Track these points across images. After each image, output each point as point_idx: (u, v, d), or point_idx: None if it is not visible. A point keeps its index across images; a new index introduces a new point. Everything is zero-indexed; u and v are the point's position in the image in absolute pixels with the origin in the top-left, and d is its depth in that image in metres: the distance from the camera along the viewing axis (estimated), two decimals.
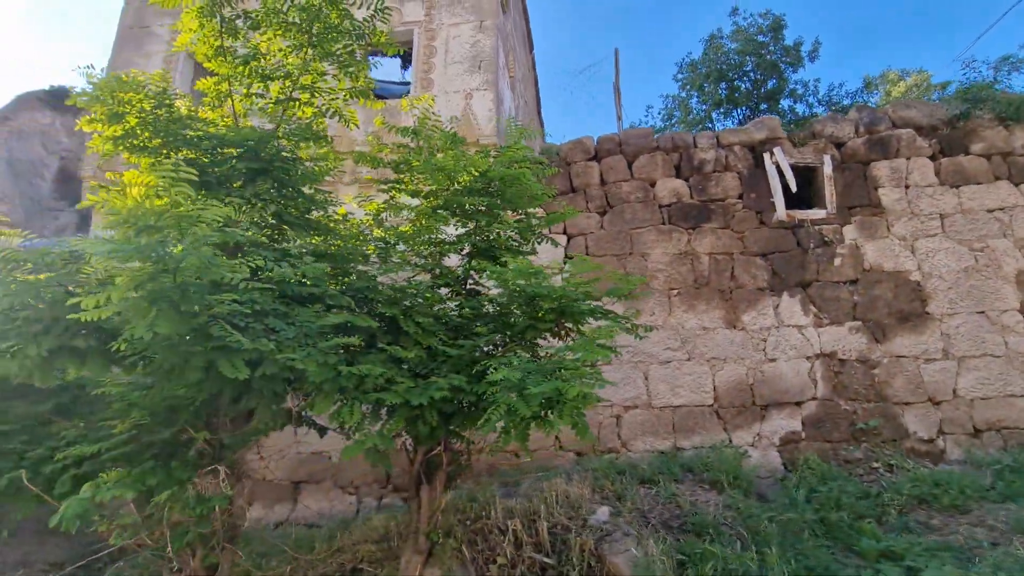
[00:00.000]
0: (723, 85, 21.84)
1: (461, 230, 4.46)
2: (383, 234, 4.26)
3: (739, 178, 7.54)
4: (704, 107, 22.38)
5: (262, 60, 3.71)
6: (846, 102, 21.54)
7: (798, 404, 6.61)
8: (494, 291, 4.10)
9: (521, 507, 4.94)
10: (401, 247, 4.31)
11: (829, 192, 7.28)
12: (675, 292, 7.09)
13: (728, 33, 21.94)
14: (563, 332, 3.93)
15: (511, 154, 4.47)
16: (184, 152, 3.57)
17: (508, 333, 3.86)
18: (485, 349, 3.90)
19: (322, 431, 4.09)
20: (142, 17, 9.22)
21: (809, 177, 7.63)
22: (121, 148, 3.54)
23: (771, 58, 21.27)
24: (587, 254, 7.23)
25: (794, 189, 7.28)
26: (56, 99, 20.65)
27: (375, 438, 3.39)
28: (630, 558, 4.05)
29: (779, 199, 7.28)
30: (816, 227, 7.19)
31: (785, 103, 22.05)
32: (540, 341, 3.98)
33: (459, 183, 4.19)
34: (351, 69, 4.03)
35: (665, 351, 6.87)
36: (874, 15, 34.83)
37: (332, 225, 4.11)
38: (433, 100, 5.27)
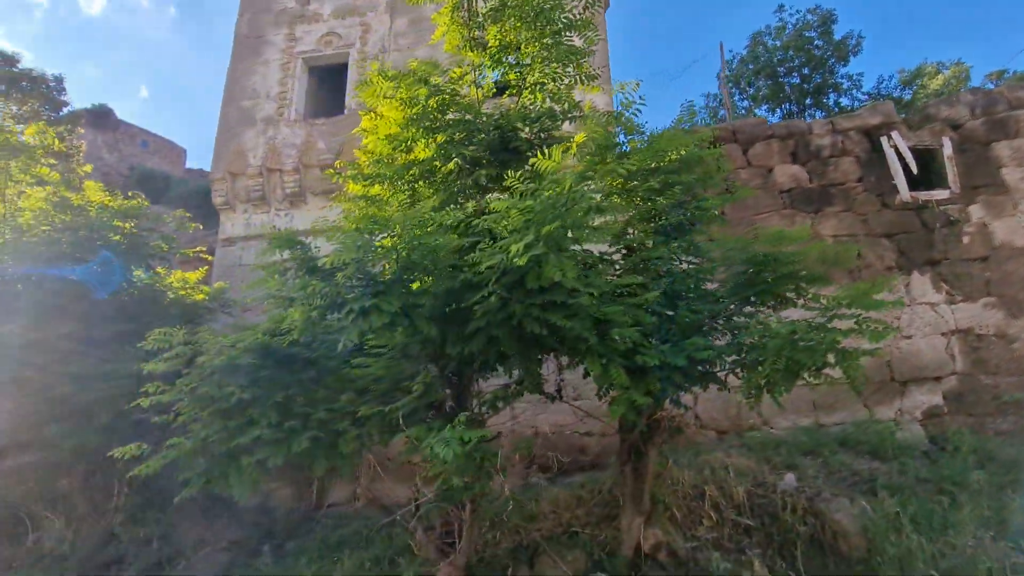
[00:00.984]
0: (767, 82, 21.96)
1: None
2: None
3: (857, 162, 7.68)
4: (747, 104, 22.49)
5: (506, 50, 3.97)
6: (895, 95, 21.54)
7: (937, 379, 6.70)
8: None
9: (701, 477, 5.12)
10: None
11: (951, 173, 7.38)
12: None
13: (773, 29, 22.08)
14: (784, 298, 4.11)
15: (699, 136, 4.68)
16: (440, 136, 3.82)
17: (737, 298, 4.05)
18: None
19: (552, 398, 4.30)
20: (257, 27, 9.64)
21: (926, 159, 7.73)
22: (408, 131, 3.79)
23: (818, 53, 21.33)
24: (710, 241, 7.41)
25: (915, 171, 7.40)
26: (97, 118, 21.39)
27: (635, 394, 3.59)
28: (852, 514, 4.20)
29: (901, 181, 7.40)
30: (941, 207, 7.29)
31: (830, 98, 22.11)
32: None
33: (666, 162, 4.39)
34: (575, 57, 4.27)
35: None
36: (896, 11, 34.64)
37: None
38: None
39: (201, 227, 8.31)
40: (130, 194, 5.84)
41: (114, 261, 5.69)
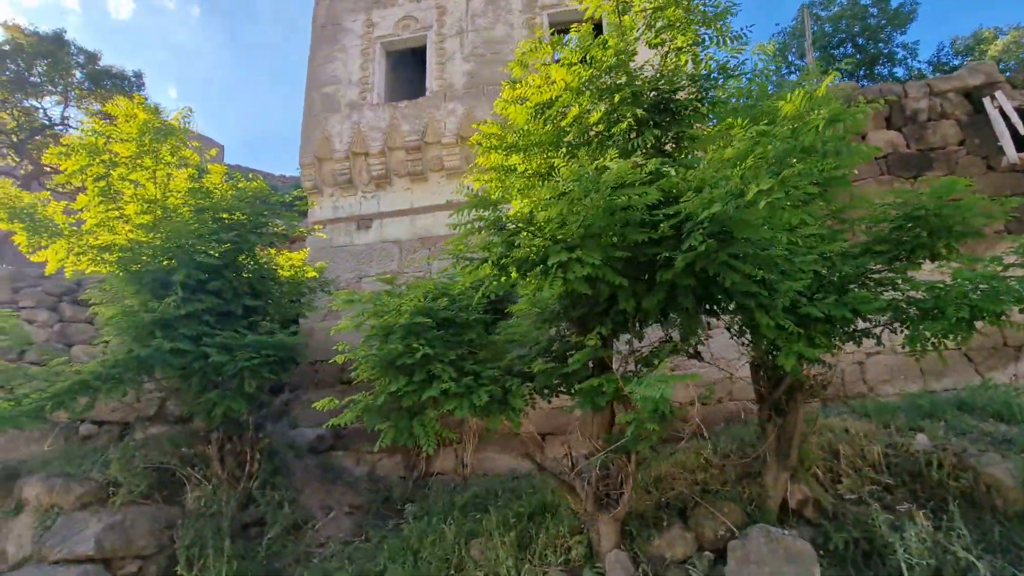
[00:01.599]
0: (816, 54, 21.28)
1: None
2: None
3: (958, 124, 7.46)
4: (795, 76, 21.84)
5: (658, 12, 4.00)
6: (955, 62, 20.64)
7: None
8: None
9: (826, 439, 5.14)
10: None
11: None
12: None
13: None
14: (937, 254, 4.09)
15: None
16: (618, 96, 3.84)
17: (887, 255, 4.04)
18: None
19: (697, 357, 4.38)
20: (335, 14, 9.82)
21: None
22: (568, 96, 3.88)
23: (874, 22, 20.57)
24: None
25: (1023, 132, 7.16)
26: None
27: (802, 347, 3.63)
28: (1008, 469, 4.18)
29: (1007, 143, 7.17)
30: None
31: (884, 69, 21.33)
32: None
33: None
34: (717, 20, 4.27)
35: None
36: None
37: None
38: None
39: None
40: (250, 176, 6.07)
41: (240, 240, 5.96)
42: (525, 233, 3.33)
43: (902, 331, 3.85)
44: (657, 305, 3.47)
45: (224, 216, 5.85)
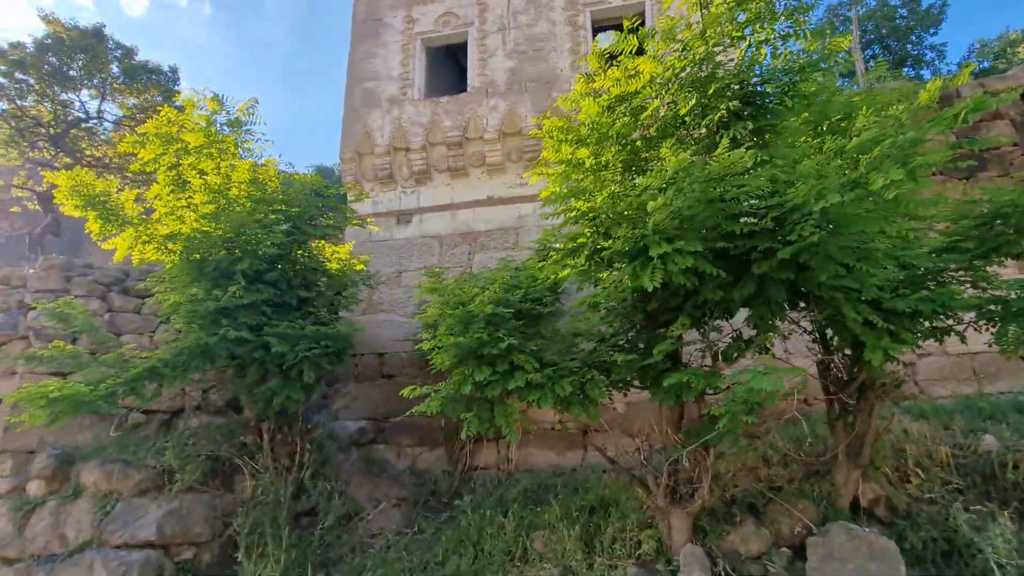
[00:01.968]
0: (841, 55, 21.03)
1: None
2: None
3: (1012, 125, 7.37)
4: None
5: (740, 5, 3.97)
6: (983, 65, 20.39)
7: None
8: None
9: (888, 439, 5.08)
10: None
11: None
12: None
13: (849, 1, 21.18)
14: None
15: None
16: (712, 88, 3.81)
17: (970, 253, 3.99)
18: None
19: (767, 352, 4.34)
20: (375, 10, 9.87)
21: None
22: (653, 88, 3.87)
23: (903, 24, 20.36)
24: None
25: None
26: None
27: (887, 342, 3.59)
28: None
29: None
30: None
31: (911, 71, 21.10)
32: None
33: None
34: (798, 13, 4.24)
35: None
36: None
37: None
38: None
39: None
40: (304, 168, 6.10)
41: (295, 232, 5.99)
42: (625, 226, 3.30)
43: (987, 329, 3.80)
44: (744, 298, 3.45)
45: (281, 208, 5.88)
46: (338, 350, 5.78)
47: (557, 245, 3.89)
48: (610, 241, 3.25)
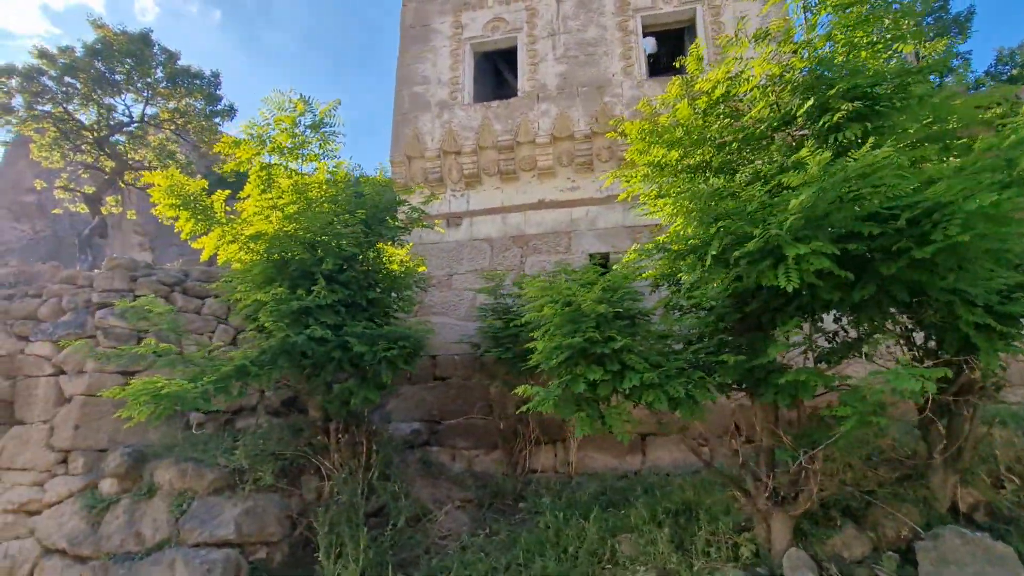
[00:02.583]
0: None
1: None
2: None
3: None
4: None
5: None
6: (1007, 71, 20.27)
7: None
8: None
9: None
10: None
11: None
12: None
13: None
14: None
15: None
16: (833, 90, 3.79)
17: None
18: None
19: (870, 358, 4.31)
20: (423, 16, 9.97)
21: None
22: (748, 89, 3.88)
23: (931, 33, 20.33)
24: None
25: None
26: None
27: (999, 345, 3.56)
28: None
29: None
30: None
31: (935, 79, 20.98)
32: None
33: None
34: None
35: None
36: None
37: None
38: None
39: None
40: (378, 167, 6.17)
41: (368, 233, 6.04)
42: (761, 227, 3.27)
43: None
44: (868, 297, 3.43)
45: (360, 212, 5.92)
46: (413, 350, 5.80)
47: (673, 247, 3.88)
48: (747, 243, 3.22)
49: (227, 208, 5.26)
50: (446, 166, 9.08)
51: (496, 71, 12.04)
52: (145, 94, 13.37)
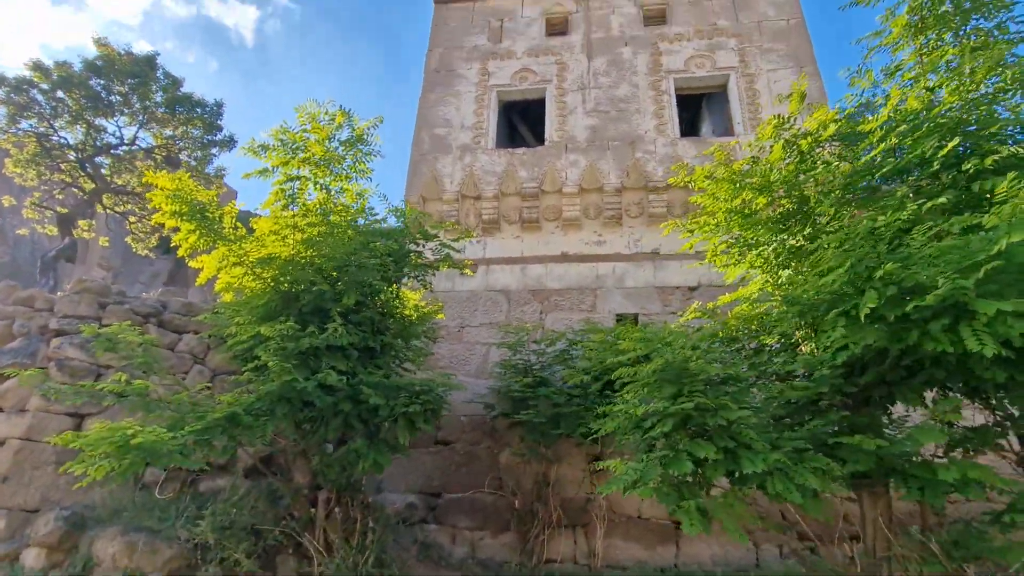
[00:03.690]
0: None
1: None
2: None
3: None
4: None
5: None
6: None
7: None
8: None
9: None
10: None
11: None
12: None
13: None
14: None
15: None
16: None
17: None
18: None
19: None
20: (448, 61, 9.82)
21: None
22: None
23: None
24: None
25: None
26: (167, 162, 22.27)
27: None
28: None
29: None
30: None
31: None
32: None
33: None
34: None
35: None
36: None
37: None
38: None
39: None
40: (406, 202, 5.55)
41: (389, 268, 5.34)
42: (944, 278, 2.69)
43: None
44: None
45: (377, 245, 5.25)
46: (435, 408, 4.95)
47: (777, 304, 3.28)
48: (919, 300, 2.62)
49: (237, 225, 4.52)
50: (463, 210, 8.57)
51: (510, 124, 11.94)
52: (140, 118, 12.77)
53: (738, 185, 4.09)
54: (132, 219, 13.36)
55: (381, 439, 4.71)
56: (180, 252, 4.32)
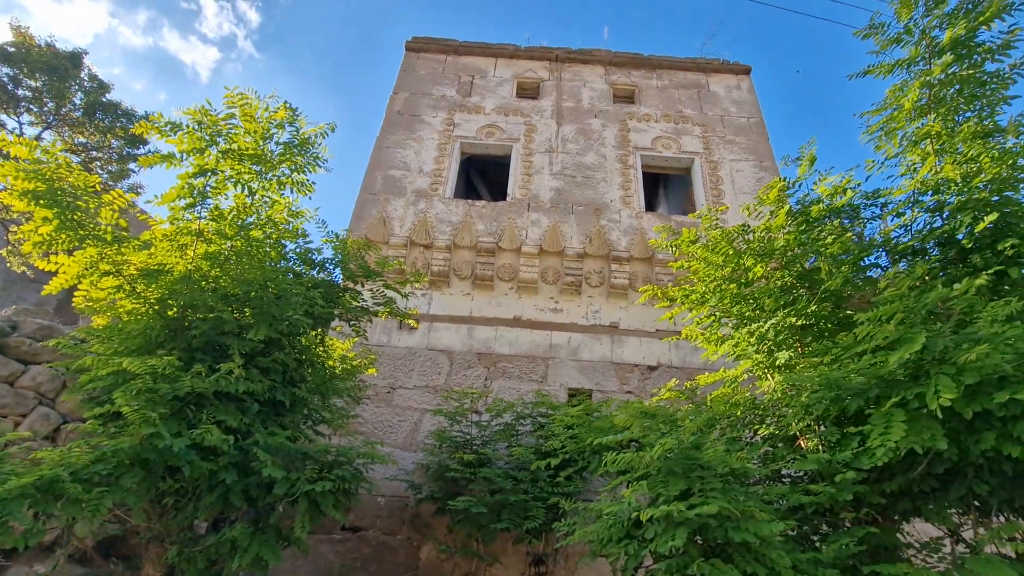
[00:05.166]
0: None
1: None
2: None
3: None
4: None
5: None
6: None
7: None
8: None
9: None
10: None
11: None
12: None
13: None
14: None
15: None
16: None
17: None
18: None
19: None
20: (414, 106, 9.44)
21: None
22: None
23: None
24: None
25: None
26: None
27: None
28: None
29: None
30: None
31: None
32: None
33: None
34: None
35: None
36: None
37: None
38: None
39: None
40: (348, 233, 4.77)
41: (316, 305, 4.41)
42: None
43: None
44: None
45: (304, 275, 4.38)
46: (350, 488, 3.87)
47: (840, 380, 2.67)
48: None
49: (122, 223, 3.49)
50: (412, 258, 7.80)
51: (467, 180, 11.59)
52: (50, 119, 11.35)
53: (733, 251, 3.62)
54: (14, 228, 11.49)
55: (271, 525, 3.55)
56: (26, 247, 3.21)
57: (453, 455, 5.33)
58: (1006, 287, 2.96)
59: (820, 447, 3.17)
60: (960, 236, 2.92)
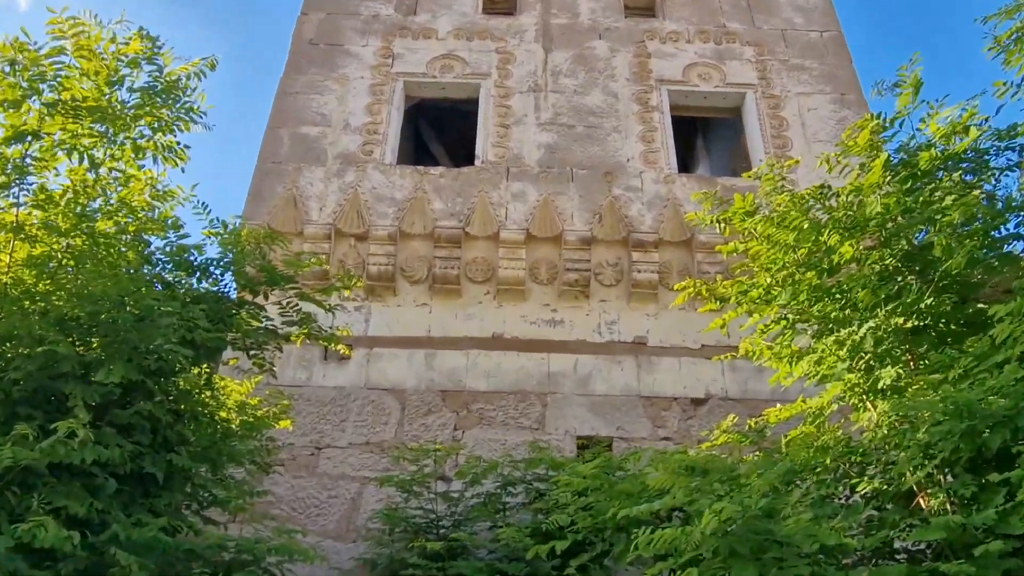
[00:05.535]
0: None
1: None
2: None
3: None
4: None
5: None
6: None
7: None
8: None
9: None
10: None
11: None
12: None
13: None
14: None
15: None
16: None
17: None
18: None
19: None
20: (334, 32, 9.56)
21: None
22: None
23: None
24: None
25: None
26: None
27: None
28: None
29: None
30: None
31: None
32: None
33: None
34: None
35: None
36: None
37: None
38: None
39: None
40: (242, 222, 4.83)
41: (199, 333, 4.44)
42: None
43: None
44: None
45: (175, 285, 4.42)
46: None
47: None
48: None
49: None
50: (338, 254, 7.83)
51: (416, 135, 11.67)
52: None
53: (809, 224, 3.72)
54: None
55: None
56: None
57: (411, 544, 5.42)
58: None
59: (949, 506, 3.24)
60: None
